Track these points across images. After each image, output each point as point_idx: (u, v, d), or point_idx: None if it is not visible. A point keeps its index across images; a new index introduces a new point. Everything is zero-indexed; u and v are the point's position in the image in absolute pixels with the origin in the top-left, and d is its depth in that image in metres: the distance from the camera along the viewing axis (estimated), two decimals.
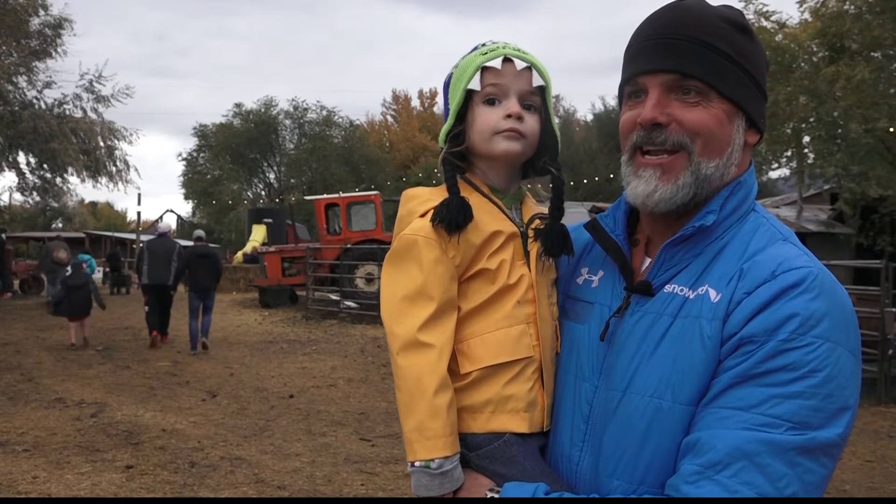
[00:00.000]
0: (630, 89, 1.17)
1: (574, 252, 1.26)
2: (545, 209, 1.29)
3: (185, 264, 11.34)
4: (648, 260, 1.19)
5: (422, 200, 1.23)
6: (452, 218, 1.16)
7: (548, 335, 1.21)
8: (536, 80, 1.21)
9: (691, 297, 1.08)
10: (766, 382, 0.97)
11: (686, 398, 1.03)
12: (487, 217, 1.21)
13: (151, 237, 12.43)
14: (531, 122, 1.22)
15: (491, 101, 1.22)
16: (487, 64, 1.20)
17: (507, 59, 1.20)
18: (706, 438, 0.98)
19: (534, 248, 1.23)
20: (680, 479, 0.98)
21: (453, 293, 1.18)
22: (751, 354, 0.99)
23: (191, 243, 12.49)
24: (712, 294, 1.06)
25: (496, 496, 1.09)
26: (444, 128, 1.26)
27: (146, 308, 11.77)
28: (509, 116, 1.20)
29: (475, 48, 1.27)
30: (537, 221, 1.25)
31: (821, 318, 0.98)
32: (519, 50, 1.23)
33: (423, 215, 1.20)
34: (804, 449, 0.95)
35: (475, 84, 1.21)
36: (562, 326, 1.26)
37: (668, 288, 1.12)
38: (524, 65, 1.20)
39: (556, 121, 1.28)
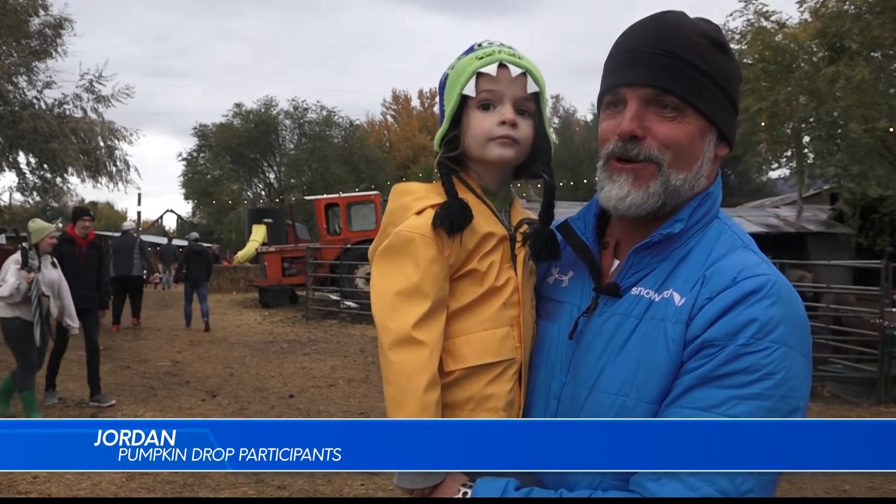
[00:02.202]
0: (610, 98, 1.21)
1: (560, 256, 1.29)
2: (532, 213, 1.31)
3: (184, 259, 14.21)
4: (617, 262, 1.24)
5: (417, 196, 1.24)
6: (454, 220, 1.18)
7: (529, 337, 1.24)
8: (531, 87, 1.22)
9: (657, 299, 1.14)
10: (725, 384, 1.03)
11: (649, 397, 1.09)
12: (481, 218, 1.22)
13: (117, 235, 14.82)
14: (525, 128, 1.24)
15: (486, 107, 1.23)
16: (482, 70, 1.21)
17: (502, 65, 1.21)
18: None
19: (521, 252, 1.25)
20: (644, 476, 1.03)
21: (446, 292, 1.19)
22: (712, 357, 1.05)
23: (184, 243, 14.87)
24: (677, 298, 1.12)
25: (468, 493, 1.11)
26: (439, 132, 1.28)
27: (111, 297, 13.70)
28: (503, 123, 1.21)
29: (471, 48, 1.27)
30: (525, 226, 1.27)
31: (777, 324, 1.04)
32: (514, 55, 1.23)
33: (419, 212, 1.21)
34: None
35: (470, 90, 1.22)
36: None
37: (634, 290, 1.17)
38: (519, 71, 1.21)
39: (550, 126, 1.29)
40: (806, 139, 16.52)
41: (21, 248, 6.61)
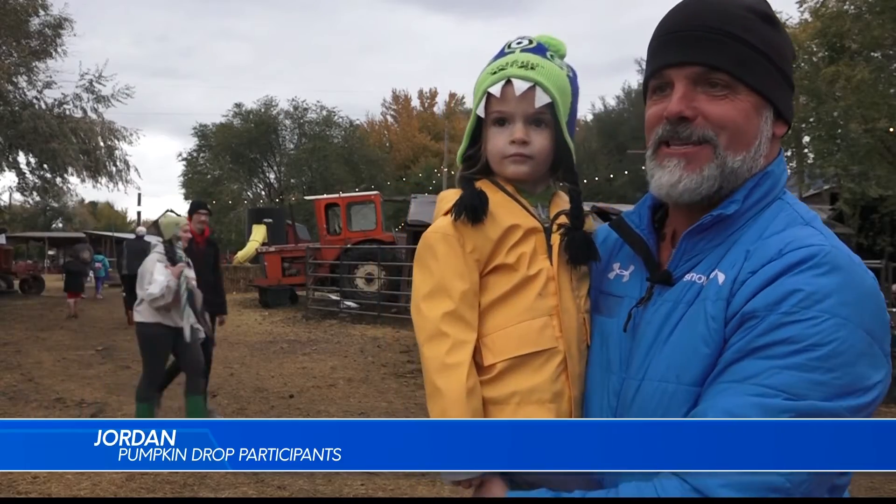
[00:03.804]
0: (655, 83, 1.16)
1: (600, 258, 1.27)
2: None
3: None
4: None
5: (448, 200, 1.26)
6: (469, 205, 1.20)
7: (572, 327, 1.22)
8: (540, 100, 1.21)
9: (706, 283, 1.08)
10: (764, 355, 0.96)
11: (689, 379, 1.04)
12: (506, 213, 1.23)
13: (131, 237, 16.75)
14: (538, 142, 1.24)
15: (500, 122, 1.24)
16: (490, 90, 1.22)
17: (509, 82, 1.21)
18: (700, 410, 0.99)
19: (556, 241, 1.24)
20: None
21: (473, 284, 1.21)
22: (751, 329, 0.98)
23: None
24: (720, 277, 1.06)
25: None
26: (460, 150, 1.31)
27: (124, 294, 14.89)
28: (514, 142, 1.23)
29: (501, 52, 1.28)
30: (562, 217, 1.27)
31: (828, 294, 0.95)
32: (527, 64, 1.22)
33: (445, 214, 1.24)
34: (800, 414, 0.92)
35: (481, 110, 1.24)
36: (594, 321, 1.26)
37: (687, 277, 1.11)
38: (525, 87, 1.20)
39: (567, 132, 1.27)
40: (806, 139, 16.51)
41: (163, 243, 5.99)
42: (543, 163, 1.26)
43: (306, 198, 26.39)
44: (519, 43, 1.26)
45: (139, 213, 35.44)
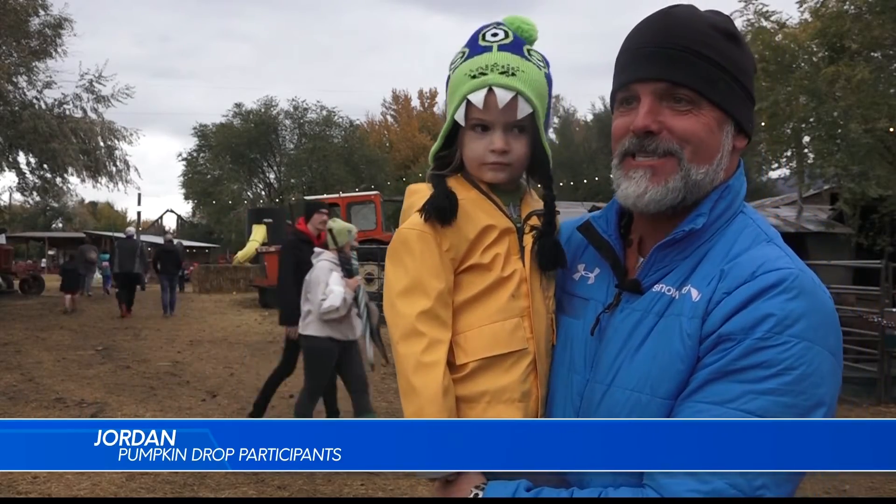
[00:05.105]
0: (622, 96, 1.20)
1: (567, 265, 1.30)
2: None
3: (157, 256, 16.95)
4: (642, 259, 1.23)
5: (422, 195, 1.26)
6: (438, 205, 1.20)
7: (542, 328, 1.24)
8: (523, 111, 1.21)
9: (677, 296, 1.13)
10: (741, 379, 1.02)
11: (664, 392, 1.08)
12: (482, 212, 1.24)
13: (121, 237, 18.18)
14: (518, 149, 1.24)
15: (479, 128, 1.24)
16: (470, 98, 1.21)
17: (491, 89, 1.19)
18: None
19: (528, 242, 1.25)
20: (658, 472, 1.01)
21: (448, 283, 1.20)
22: (728, 351, 1.03)
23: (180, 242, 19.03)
24: (694, 293, 1.10)
25: (480, 494, 1.10)
26: (433, 149, 1.30)
27: (116, 290, 16.73)
28: (493, 151, 1.22)
29: (474, 44, 1.25)
30: (534, 218, 1.28)
31: (798, 318, 1.02)
32: (508, 69, 1.20)
33: (420, 210, 1.24)
34: None
35: (461, 117, 1.23)
36: (558, 321, 1.29)
37: (656, 287, 1.16)
38: (508, 98, 1.19)
39: (546, 138, 1.28)
40: (806, 139, 16.47)
41: (339, 251, 5.57)
42: (521, 168, 1.27)
43: (306, 198, 26.38)
44: (494, 35, 1.25)
45: (139, 213, 35.49)
